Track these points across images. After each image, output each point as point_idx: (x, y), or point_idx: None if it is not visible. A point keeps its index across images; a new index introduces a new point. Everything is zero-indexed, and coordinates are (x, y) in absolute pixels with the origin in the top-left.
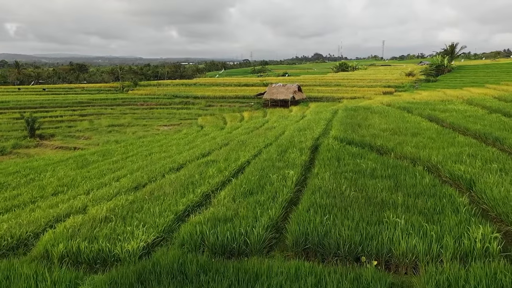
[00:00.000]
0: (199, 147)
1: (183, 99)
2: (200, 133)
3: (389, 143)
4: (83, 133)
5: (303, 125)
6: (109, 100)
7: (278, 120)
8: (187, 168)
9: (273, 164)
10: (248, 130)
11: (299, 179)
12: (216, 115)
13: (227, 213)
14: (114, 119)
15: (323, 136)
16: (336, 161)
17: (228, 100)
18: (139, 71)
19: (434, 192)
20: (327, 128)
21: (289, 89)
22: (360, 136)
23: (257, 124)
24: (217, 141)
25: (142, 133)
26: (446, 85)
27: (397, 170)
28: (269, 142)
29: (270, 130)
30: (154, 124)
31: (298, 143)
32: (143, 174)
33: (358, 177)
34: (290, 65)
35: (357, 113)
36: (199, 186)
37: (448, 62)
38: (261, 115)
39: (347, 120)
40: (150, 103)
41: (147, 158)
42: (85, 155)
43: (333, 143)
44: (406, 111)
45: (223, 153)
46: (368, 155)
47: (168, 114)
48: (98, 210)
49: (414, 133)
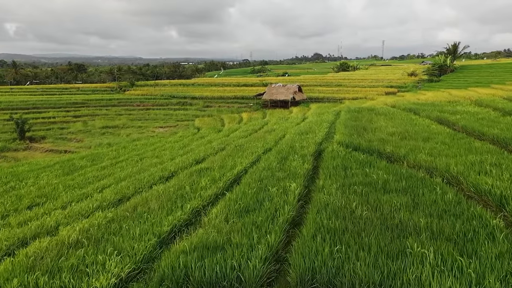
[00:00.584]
0: (193, 152)
1: (180, 99)
2: (196, 135)
3: (400, 150)
4: (76, 135)
5: (305, 128)
6: (104, 100)
7: (278, 122)
8: (178, 178)
9: (272, 174)
10: (247, 133)
11: (302, 192)
12: (214, 116)
13: (218, 238)
14: (109, 120)
15: (327, 141)
16: (342, 171)
17: (227, 101)
18: (138, 71)
19: (460, 211)
20: (330, 131)
21: (289, 89)
22: (367, 141)
23: (256, 126)
24: (213, 145)
25: (136, 136)
26: (450, 85)
27: (413, 182)
28: (268, 147)
29: (270, 133)
30: (150, 126)
31: (300, 149)
32: (129, 184)
33: (370, 191)
34: (290, 65)
35: (361, 115)
36: (189, 201)
37: (451, 62)
38: (260, 116)
39: (351, 122)
40: (146, 103)
41: (137, 164)
42: (74, 160)
43: (338, 149)
44: (412, 113)
45: (218, 159)
46: (377, 163)
47: (165, 115)
48: (70, 231)
49: (425, 137)
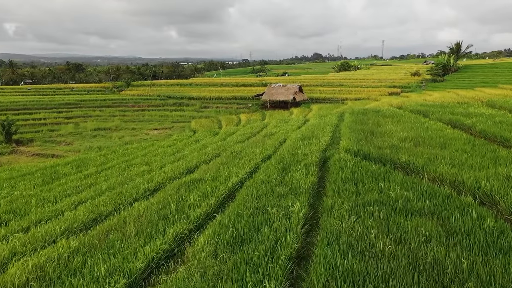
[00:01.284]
0: (186, 159)
1: (177, 100)
2: (191, 139)
3: (417, 159)
4: (66, 138)
5: (307, 132)
6: (98, 101)
7: (278, 124)
8: (164, 191)
9: (272, 189)
10: (244, 137)
11: (307, 214)
12: (211, 118)
13: (202, 286)
14: (102, 122)
15: (332, 147)
16: (353, 185)
17: (225, 101)
18: (136, 70)
19: (508, 245)
20: (334, 135)
21: (289, 89)
22: (378, 148)
23: (254, 129)
24: (207, 151)
25: (128, 138)
26: (455, 85)
27: (438, 201)
28: (267, 154)
29: (269, 137)
30: (144, 128)
31: (303, 157)
32: (109, 200)
33: (389, 214)
34: (290, 65)
35: (366, 117)
36: (173, 224)
37: (454, 61)
38: (259, 118)
39: (357, 126)
40: (141, 104)
41: (124, 172)
42: (58, 166)
43: (346, 158)
44: (421, 115)
45: (212, 168)
46: (392, 175)
47: (160, 117)
48: (21, 270)
49: (441, 144)
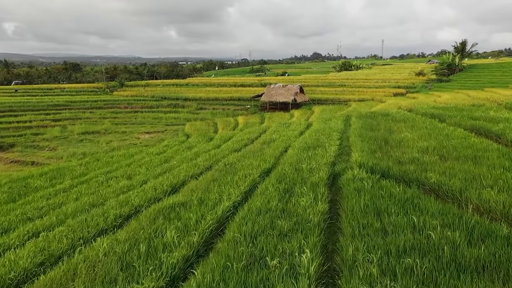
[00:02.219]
0: (172, 172)
1: (172, 101)
2: (183, 145)
3: (451, 180)
4: (50, 142)
5: (311, 140)
6: (89, 102)
7: (278, 129)
8: (138, 221)
9: (272, 223)
10: (241, 144)
11: (320, 269)
12: (207, 120)
13: None
14: (91, 125)
15: (341, 159)
16: (376, 218)
17: (222, 103)
18: (134, 70)
19: None
20: (343, 144)
21: (289, 90)
22: (397, 163)
23: (252, 134)
24: (198, 162)
25: (117, 144)
26: (462, 86)
27: (496, 246)
28: (266, 168)
29: (269, 145)
30: (135, 131)
31: (308, 173)
32: (67, 233)
33: (436, 271)
34: (289, 65)
35: (375, 121)
36: (138, 281)
37: (459, 60)
38: (257, 120)
39: (368, 132)
40: (135, 106)
41: (100, 188)
42: (31, 178)
43: (361, 175)
44: (437, 120)
45: (201, 186)
46: (423, 201)
47: (153, 119)
48: None
49: (471, 157)
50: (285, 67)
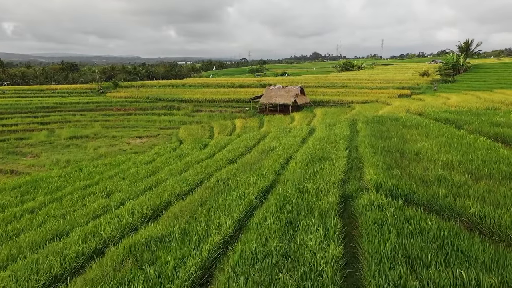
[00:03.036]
0: (157, 189)
1: (167, 103)
2: (175, 153)
3: (498, 213)
4: (34, 148)
5: (315, 150)
6: (80, 104)
7: (278, 135)
8: (101, 265)
9: (271, 278)
10: (237, 153)
11: None
12: (203, 124)
13: None
14: (80, 128)
15: (352, 175)
16: (410, 271)
17: (219, 104)
18: (132, 70)
19: None
20: (352, 155)
21: (290, 91)
22: (422, 184)
23: (250, 140)
24: (188, 176)
25: (104, 150)
26: (469, 87)
27: None
28: (265, 186)
29: (268, 155)
30: (126, 136)
31: (315, 196)
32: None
33: None
34: (289, 65)
35: (385, 127)
36: None
37: (464, 60)
38: (256, 124)
39: (378, 141)
40: (128, 108)
41: (71, 209)
42: (1, 192)
43: (379, 201)
44: (453, 126)
45: (186, 210)
46: (467, 244)
47: (147, 122)
48: None
49: (508, 175)
50: (285, 67)
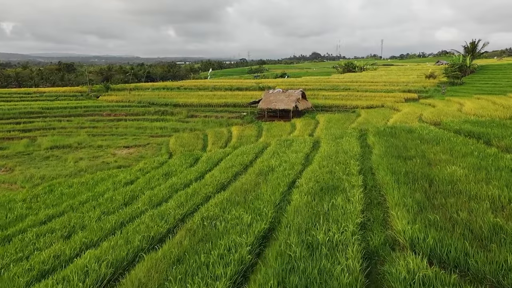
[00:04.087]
0: (128, 230)
1: (160, 107)
2: (161, 170)
3: None
4: (9, 160)
5: (323, 174)
6: (67, 109)
7: (277, 149)
8: None
9: None
10: (231, 173)
11: None
12: (197, 132)
13: None
14: (64, 136)
15: (372, 215)
16: None
17: (215, 109)
18: (129, 70)
19: None
20: (367, 182)
21: (290, 96)
22: (478, 242)
23: (246, 156)
24: (168, 209)
25: (85, 164)
26: (480, 90)
27: None
28: (262, 230)
29: (266, 177)
30: (113, 145)
31: (329, 257)
32: None
33: None
34: (288, 65)
35: (400, 142)
36: None
37: (470, 61)
38: (254, 133)
39: (399, 164)
40: (118, 113)
41: (14, 257)
42: None
43: (423, 273)
44: (481, 142)
45: (156, 272)
46: None
47: (137, 129)
48: None
49: None
50: (284, 67)
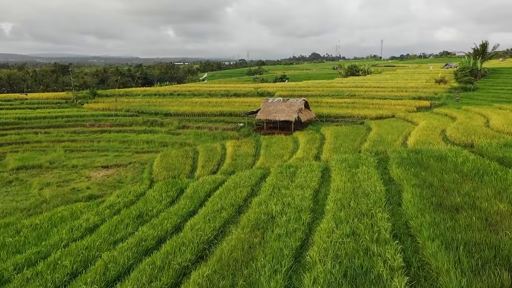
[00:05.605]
0: None
1: (149, 117)
2: (134, 209)
3: None
4: None
5: (344, 241)
6: (47, 119)
7: (278, 181)
8: None
9: None
10: (219, 221)
11: None
12: (187, 148)
13: None
14: (37, 152)
15: None
16: None
17: (210, 119)
18: (126, 72)
19: None
20: (408, 256)
21: (292, 106)
22: None
23: (240, 190)
24: None
25: (51, 192)
26: (498, 97)
27: None
28: None
29: (264, 236)
30: (89, 165)
31: None
32: None
33: None
34: (288, 65)
35: (433, 176)
36: None
37: (481, 65)
38: (251, 151)
39: (445, 222)
40: (103, 124)
41: None
42: None
43: None
44: None
45: None
46: None
47: (121, 143)
48: None
49: None
50: (284, 68)
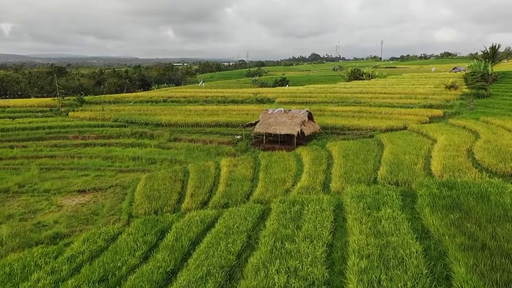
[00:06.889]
0: None
1: (138, 127)
2: (97, 264)
3: None
4: None
5: None
6: (26, 131)
7: (281, 233)
8: None
9: None
10: None
11: None
12: (176, 167)
13: None
14: (9, 172)
15: None
16: None
17: (204, 130)
18: (123, 74)
19: None
20: None
21: (294, 118)
22: None
23: (232, 241)
24: None
25: (9, 229)
26: None
27: None
28: None
29: None
30: (64, 189)
31: None
32: None
33: None
34: (287, 66)
35: (485, 231)
36: None
37: (492, 69)
38: (248, 174)
39: None
40: (88, 135)
41: None
42: None
43: None
44: None
45: None
46: None
47: (105, 159)
48: None
49: None
50: (283, 69)
